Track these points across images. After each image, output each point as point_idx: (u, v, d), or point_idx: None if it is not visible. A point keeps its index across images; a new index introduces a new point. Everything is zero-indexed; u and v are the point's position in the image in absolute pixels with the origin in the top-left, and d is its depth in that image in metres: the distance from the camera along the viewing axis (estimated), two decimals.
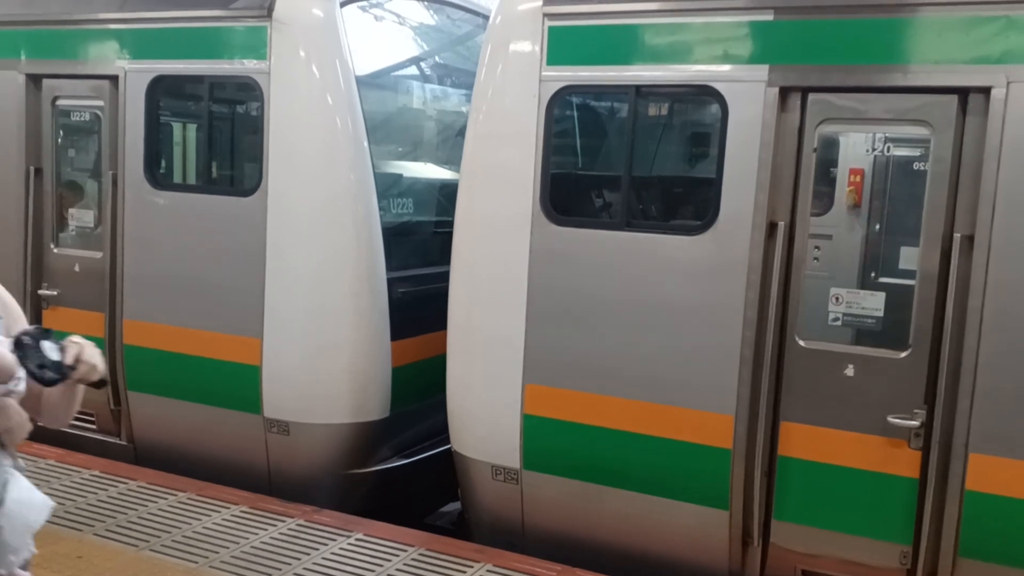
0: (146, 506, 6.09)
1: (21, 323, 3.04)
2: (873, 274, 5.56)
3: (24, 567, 2.91)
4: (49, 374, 2.82)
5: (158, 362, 6.95)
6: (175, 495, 6.29)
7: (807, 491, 5.11)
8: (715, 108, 5.23)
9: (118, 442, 7.35)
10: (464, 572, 5.35)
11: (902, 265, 5.18)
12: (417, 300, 6.74)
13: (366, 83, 6.63)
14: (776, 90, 4.95)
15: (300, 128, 6.35)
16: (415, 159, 7.87)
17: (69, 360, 2.87)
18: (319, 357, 6.42)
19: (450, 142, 8.04)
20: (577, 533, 5.67)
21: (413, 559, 5.48)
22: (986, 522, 4.72)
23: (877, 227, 5.69)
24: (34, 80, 7.44)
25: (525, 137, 5.56)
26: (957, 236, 4.68)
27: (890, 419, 4.84)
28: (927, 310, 4.79)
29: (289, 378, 6.47)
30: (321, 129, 6.34)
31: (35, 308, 7.55)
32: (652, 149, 5.99)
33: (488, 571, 5.37)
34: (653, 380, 5.36)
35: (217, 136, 7.17)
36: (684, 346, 5.27)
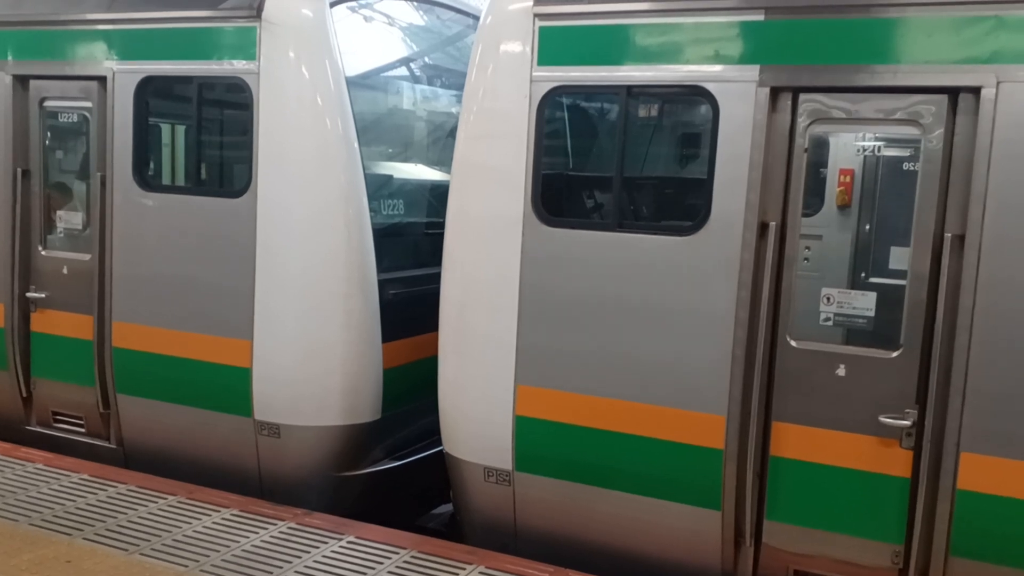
0: (136, 510, 6.06)
1: None
2: (864, 274, 5.57)
3: None
4: None
5: (147, 365, 6.92)
6: (165, 498, 6.26)
7: (799, 491, 5.12)
8: (706, 108, 5.24)
9: (107, 445, 7.32)
10: (456, 574, 5.34)
11: (893, 265, 5.19)
12: (408, 301, 6.72)
13: (356, 84, 6.62)
14: (767, 90, 4.96)
15: (290, 129, 6.33)
16: (406, 160, 7.86)
17: None
18: (310, 359, 6.40)
19: (440, 143, 8.03)
20: (570, 534, 5.66)
21: (405, 561, 5.46)
22: (978, 521, 4.73)
23: (868, 227, 5.71)
24: (21, 81, 7.40)
25: (516, 138, 5.55)
26: (948, 236, 4.69)
27: (882, 419, 4.85)
28: (918, 310, 4.80)
29: (279, 380, 6.45)
30: (311, 130, 6.32)
31: (23, 311, 7.52)
32: (643, 149, 6.00)
33: (480, 573, 5.36)
34: (645, 381, 5.36)
35: (206, 137, 7.13)
36: (676, 347, 5.27)
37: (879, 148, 5.38)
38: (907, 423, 4.81)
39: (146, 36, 6.80)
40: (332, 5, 6.40)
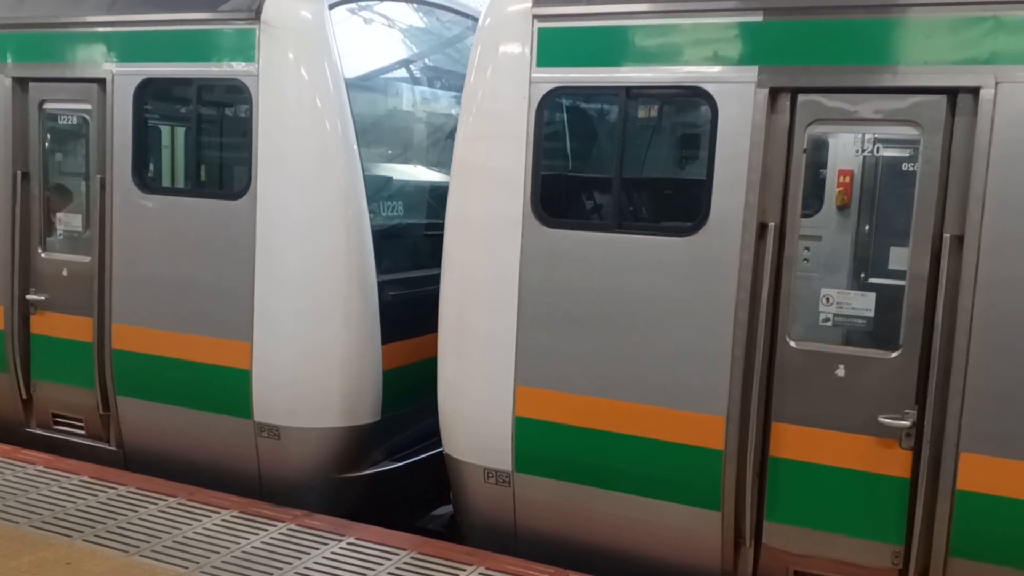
0: (136, 511, 6.06)
1: None
2: (863, 274, 5.58)
3: None
4: None
5: (147, 366, 6.92)
6: (165, 500, 6.26)
7: (799, 492, 5.12)
8: (705, 109, 5.24)
9: (107, 447, 7.32)
10: (456, 575, 5.34)
11: (892, 265, 5.19)
12: (408, 303, 6.72)
13: (355, 85, 6.62)
14: (766, 91, 4.96)
15: (289, 131, 6.33)
16: (405, 162, 7.86)
17: None
18: (309, 361, 6.40)
19: (440, 144, 8.03)
20: (570, 535, 5.66)
21: (405, 563, 5.46)
22: (977, 521, 4.73)
23: (867, 228, 5.71)
24: (21, 84, 7.41)
25: (515, 139, 5.55)
26: (947, 236, 4.70)
27: (881, 419, 4.85)
28: (917, 310, 4.80)
29: (279, 382, 6.45)
30: (310, 132, 6.33)
31: (23, 313, 7.52)
32: (642, 150, 6.00)
33: (480, 574, 5.36)
34: (644, 381, 5.36)
35: (205, 139, 7.14)
36: (675, 347, 5.27)
37: (878, 149, 5.39)
38: (906, 423, 4.81)
39: (145, 38, 6.80)
40: (331, 7, 6.40)
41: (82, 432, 7.47)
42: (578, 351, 5.50)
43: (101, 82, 6.97)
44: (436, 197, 7.30)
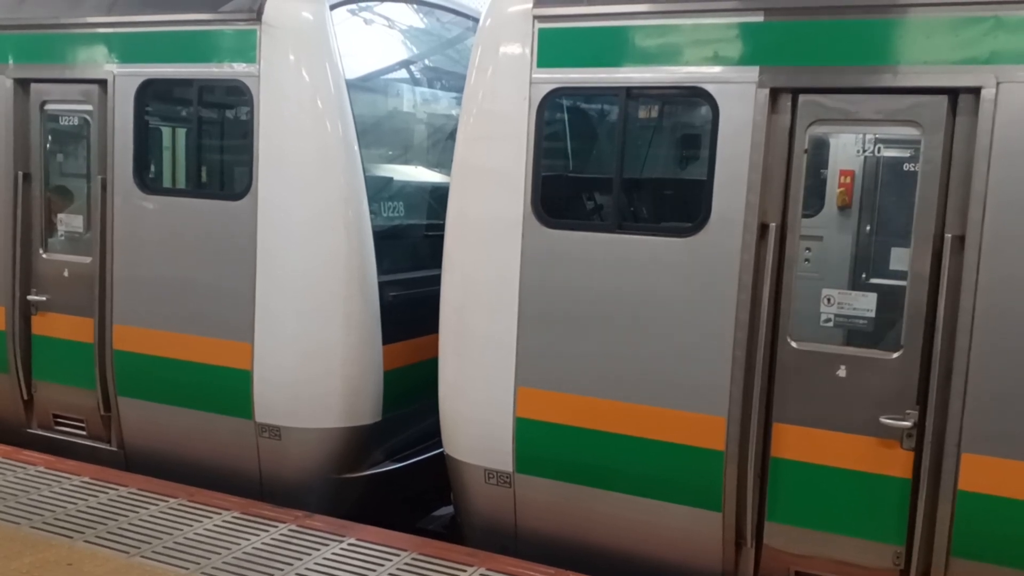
0: (137, 512, 6.06)
1: None
2: (864, 275, 5.58)
3: None
4: None
5: (148, 367, 6.93)
6: (166, 501, 6.26)
7: (800, 492, 5.11)
8: (706, 109, 5.24)
9: (108, 448, 7.32)
10: None
11: (893, 266, 5.19)
12: (408, 303, 6.73)
13: (356, 86, 6.63)
14: (767, 91, 4.96)
15: (290, 132, 6.33)
16: (406, 162, 7.87)
17: None
18: (310, 361, 6.40)
19: (440, 145, 8.04)
20: (570, 536, 5.66)
21: (406, 563, 5.46)
22: (979, 522, 4.72)
23: (868, 228, 5.72)
24: (22, 85, 7.41)
25: (516, 139, 5.55)
26: (948, 236, 4.69)
27: (882, 420, 4.85)
28: (918, 311, 4.80)
29: (280, 382, 6.45)
30: (311, 132, 6.33)
31: (24, 314, 7.52)
32: (643, 151, 6.01)
33: (481, 575, 5.35)
34: (645, 382, 5.36)
35: (206, 140, 7.14)
36: (676, 348, 5.27)
37: (879, 149, 5.39)
38: (908, 424, 4.81)
39: (146, 39, 6.81)
40: (332, 8, 6.41)
41: (83, 433, 7.48)
42: (579, 352, 5.50)
43: (102, 83, 6.98)
44: (436, 198, 7.30)
